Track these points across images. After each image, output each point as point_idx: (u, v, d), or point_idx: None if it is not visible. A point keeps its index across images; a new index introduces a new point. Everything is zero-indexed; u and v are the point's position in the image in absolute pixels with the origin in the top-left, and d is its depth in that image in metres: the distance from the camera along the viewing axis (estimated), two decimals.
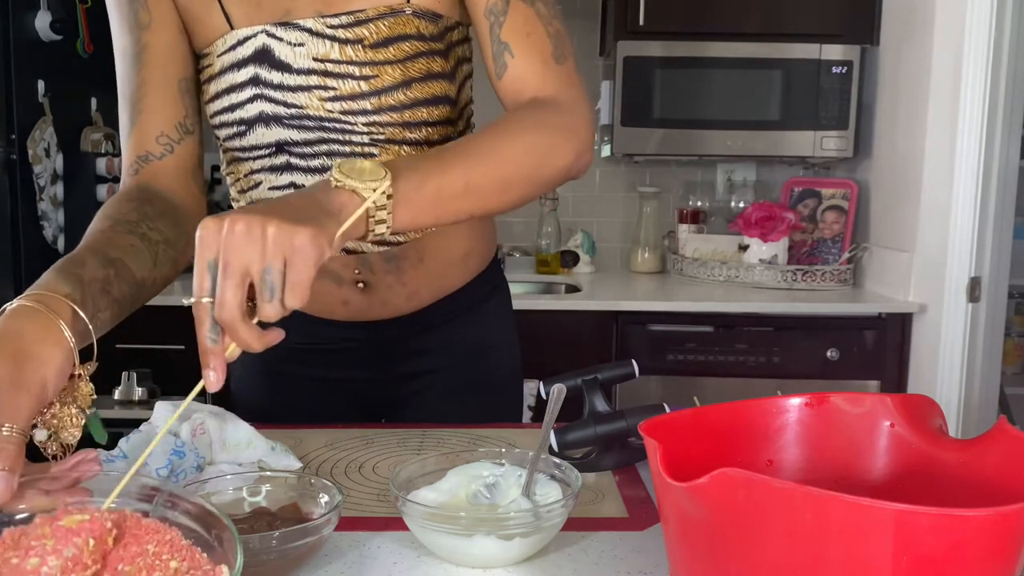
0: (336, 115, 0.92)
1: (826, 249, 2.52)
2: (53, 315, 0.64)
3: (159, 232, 0.84)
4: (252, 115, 0.93)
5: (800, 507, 0.44)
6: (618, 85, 2.42)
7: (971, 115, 2.01)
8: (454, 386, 1.10)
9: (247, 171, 0.99)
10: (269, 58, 0.91)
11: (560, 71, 0.90)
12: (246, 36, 0.91)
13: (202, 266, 0.60)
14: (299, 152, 0.95)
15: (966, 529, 0.42)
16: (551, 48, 0.90)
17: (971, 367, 2.09)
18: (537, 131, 0.83)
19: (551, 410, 0.82)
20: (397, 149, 0.94)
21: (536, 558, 0.68)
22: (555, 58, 0.90)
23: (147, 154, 0.92)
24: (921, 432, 0.61)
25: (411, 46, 0.91)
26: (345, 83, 0.91)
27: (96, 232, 0.80)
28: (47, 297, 0.66)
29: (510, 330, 1.16)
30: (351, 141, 0.93)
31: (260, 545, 0.61)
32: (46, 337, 0.63)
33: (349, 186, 0.67)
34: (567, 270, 2.74)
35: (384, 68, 0.91)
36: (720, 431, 0.61)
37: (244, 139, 0.95)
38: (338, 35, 0.90)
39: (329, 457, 0.92)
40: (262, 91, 0.92)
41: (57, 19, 2.18)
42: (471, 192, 0.76)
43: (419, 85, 0.92)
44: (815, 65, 2.39)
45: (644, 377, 2.06)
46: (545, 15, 0.91)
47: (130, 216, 0.83)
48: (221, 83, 0.93)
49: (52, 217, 2.22)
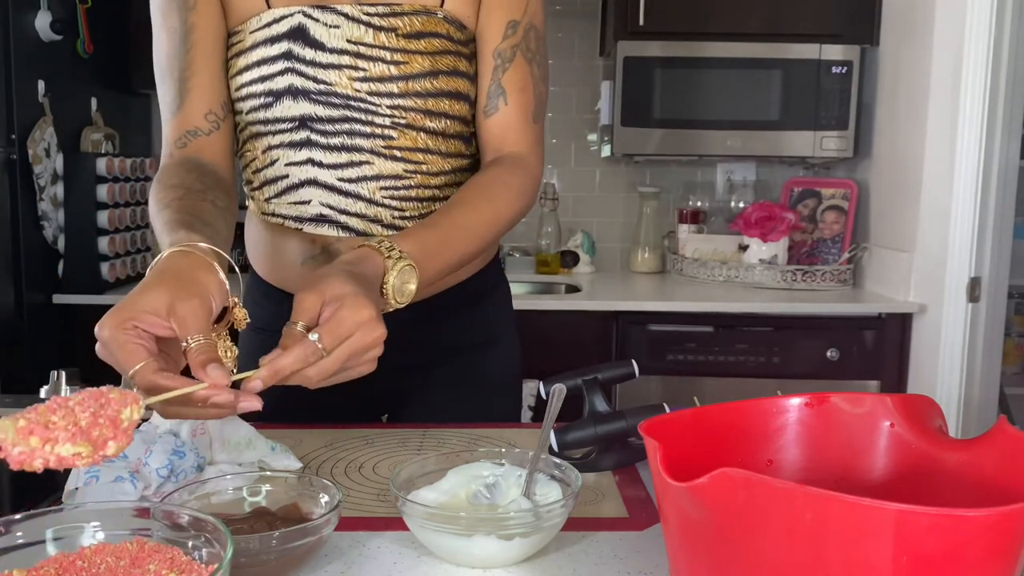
0: (363, 95, 0.97)
1: (826, 249, 2.52)
2: (201, 253, 0.73)
3: (220, 201, 0.90)
4: (281, 87, 0.96)
5: (800, 507, 0.44)
6: (618, 85, 2.42)
7: (971, 115, 2.01)
8: (454, 382, 1.10)
9: (265, 147, 1.01)
10: (304, 36, 0.95)
11: (535, 130, 1.05)
12: (283, 15, 0.96)
13: (333, 332, 0.70)
14: (321, 129, 0.98)
15: (966, 529, 0.42)
16: (534, 107, 1.04)
17: (971, 367, 2.09)
18: (512, 199, 0.98)
19: (551, 410, 0.82)
20: (415, 135, 0.99)
21: (536, 558, 0.68)
22: (534, 117, 1.04)
23: (196, 129, 0.98)
24: (921, 432, 0.61)
25: (441, 43, 0.99)
26: (376, 65, 0.96)
27: (175, 200, 0.86)
28: (188, 245, 0.74)
29: (511, 326, 1.17)
30: (373, 122, 0.98)
31: (260, 545, 0.61)
32: (201, 268, 0.72)
33: (387, 299, 0.80)
34: (567, 270, 2.74)
35: (414, 56, 0.97)
36: (720, 431, 0.61)
37: (269, 111, 0.98)
38: (373, 22, 0.96)
39: (329, 457, 0.92)
40: (294, 65, 0.96)
41: (57, 19, 2.18)
42: (459, 268, 0.93)
43: (445, 78, 0.99)
44: (815, 65, 2.40)
45: (644, 377, 2.06)
46: (537, 77, 1.04)
47: (196, 185, 0.89)
48: (252, 56, 0.97)
49: (52, 217, 2.22)
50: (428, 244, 0.85)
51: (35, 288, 2.15)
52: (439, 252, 0.86)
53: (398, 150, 0.99)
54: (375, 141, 0.98)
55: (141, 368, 0.65)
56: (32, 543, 0.57)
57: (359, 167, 0.99)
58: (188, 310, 0.67)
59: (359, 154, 0.99)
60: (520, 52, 1.02)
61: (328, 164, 0.99)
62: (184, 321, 0.67)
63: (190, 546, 0.58)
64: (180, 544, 0.58)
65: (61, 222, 2.24)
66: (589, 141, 2.86)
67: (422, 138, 1.00)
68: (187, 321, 0.67)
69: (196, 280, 0.70)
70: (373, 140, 0.98)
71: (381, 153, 0.99)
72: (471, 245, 0.92)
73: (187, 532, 0.58)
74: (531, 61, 1.03)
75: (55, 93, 2.23)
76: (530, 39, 1.03)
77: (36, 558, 0.57)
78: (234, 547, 0.54)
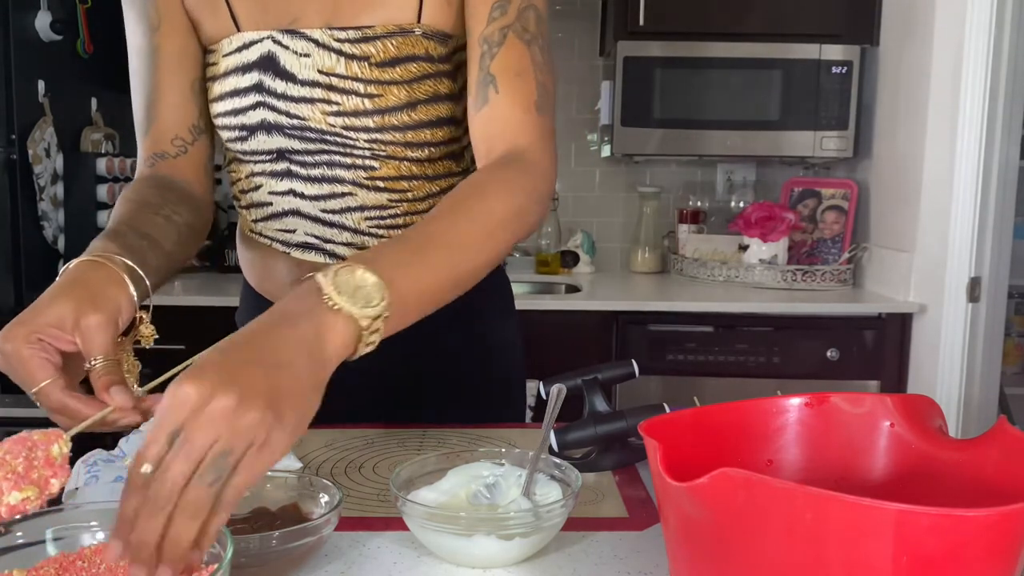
0: (338, 129, 0.91)
1: (826, 249, 2.52)
2: (113, 267, 0.71)
3: (180, 216, 0.88)
4: (254, 122, 0.93)
5: (800, 507, 0.44)
6: (618, 85, 2.42)
7: (971, 115, 2.01)
8: (454, 382, 1.10)
9: (248, 173, 1.00)
10: (274, 66, 0.91)
11: (540, 121, 0.87)
12: (252, 40, 0.92)
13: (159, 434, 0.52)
14: (300, 160, 0.95)
15: (966, 529, 0.42)
16: (536, 96, 0.87)
17: (971, 367, 2.09)
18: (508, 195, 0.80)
19: (551, 410, 0.82)
20: (398, 164, 0.94)
21: (536, 558, 0.68)
22: (538, 107, 0.87)
23: (163, 152, 0.96)
24: (921, 432, 0.61)
25: (418, 67, 0.91)
26: (349, 99, 0.90)
27: (124, 213, 0.84)
28: (102, 256, 0.72)
29: (513, 330, 1.16)
30: (352, 154, 0.93)
31: (260, 545, 0.61)
32: (111, 282, 0.70)
33: (346, 311, 0.60)
34: (567, 270, 2.74)
35: (389, 88, 0.90)
36: (720, 431, 0.61)
37: (246, 143, 0.95)
38: (344, 49, 0.90)
39: (329, 457, 0.92)
40: (265, 99, 0.92)
41: (57, 19, 2.18)
42: (456, 286, 0.74)
43: (424, 107, 0.92)
44: (815, 65, 2.40)
45: (644, 377, 2.05)
46: (539, 62, 0.89)
47: (153, 200, 0.88)
48: (225, 85, 0.94)
49: (52, 217, 2.21)
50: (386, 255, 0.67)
51: (35, 288, 2.15)
52: (409, 261, 0.68)
53: (381, 180, 0.95)
54: (356, 172, 0.94)
55: (47, 386, 0.64)
56: (32, 543, 0.58)
57: (342, 198, 0.95)
58: (94, 325, 0.66)
59: (340, 185, 0.95)
60: (513, 33, 0.88)
61: (310, 196, 0.96)
62: (89, 337, 0.66)
63: None
64: None
65: (61, 222, 2.24)
66: (589, 141, 2.86)
67: (405, 166, 0.94)
68: (92, 337, 0.66)
69: (104, 294, 0.68)
70: (354, 171, 0.94)
71: (363, 184, 0.95)
72: (457, 251, 0.74)
73: None
74: (529, 43, 0.88)
75: (55, 93, 2.23)
76: (527, 20, 0.89)
77: (36, 558, 0.57)
78: (234, 547, 0.54)
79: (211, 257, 2.66)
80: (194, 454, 0.51)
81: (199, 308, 2.08)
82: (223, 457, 0.51)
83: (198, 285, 2.32)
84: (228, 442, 0.51)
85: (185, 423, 0.51)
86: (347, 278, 0.61)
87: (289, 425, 0.55)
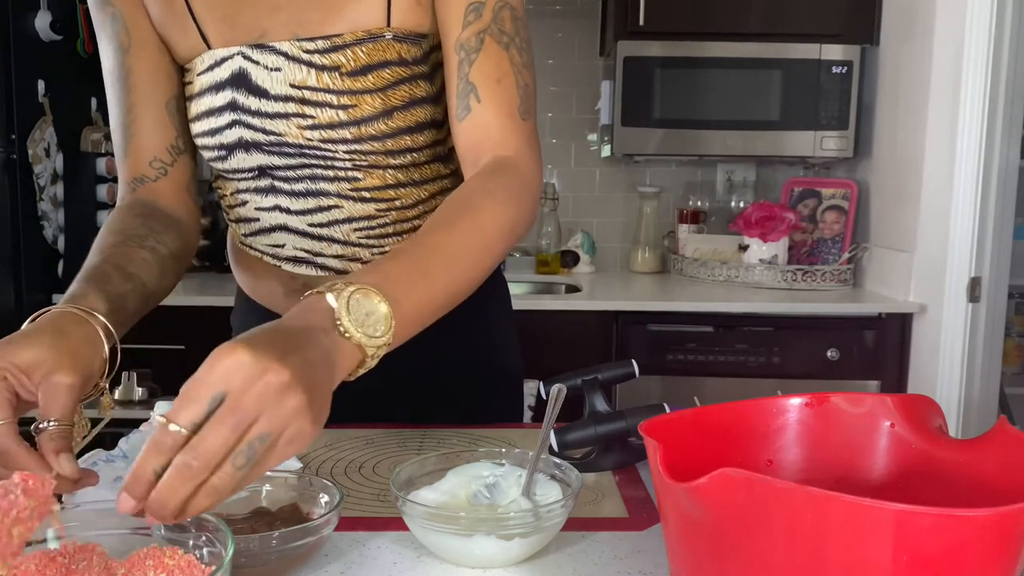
0: (316, 143, 0.90)
1: (826, 249, 2.52)
2: (94, 327, 0.70)
3: (165, 246, 0.87)
4: (232, 140, 0.92)
5: (800, 507, 0.44)
6: (618, 85, 2.42)
7: (971, 115, 2.01)
8: (454, 382, 1.10)
9: (233, 190, 0.99)
10: (246, 83, 0.89)
11: (524, 128, 0.86)
12: (223, 57, 0.90)
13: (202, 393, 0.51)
14: (283, 176, 0.94)
15: (966, 529, 0.42)
16: (519, 101, 0.86)
17: (971, 367, 2.09)
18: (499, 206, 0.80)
19: (551, 410, 0.82)
20: (382, 173, 0.93)
21: (536, 558, 0.68)
22: (521, 113, 0.86)
23: (143, 176, 0.94)
24: (921, 432, 0.61)
25: (392, 73, 0.88)
26: (323, 111, 0.88)
27: (110, 246, 0.83)
28: (85, 311, 0.71)
29: (510, 330, 1.16)
30: (334, 167, 0.92)
31: (260, 545, 0.61)
32: (89, 342, 0.69)
33: (356, 340, 0.60)
34: (567, 270, 2.74)
35: (363, 97, 0.88)
36: (720, 431, 0.61)
37: (226, 162, 0.94)
38: (315, 61, 0.88)
39: (329, 457, 0.92)
40: (240, 117, 0.90)
41: (57, 19, 2.19)
42: (453, 302, 0.74)
43: (401, 114, 0.89)
44: (815, 65, 2.40)
45: (644, 377, 2.05)
46: (518, 63, 0.87)
47: (139, 231, 0.86)
48: (201, 105, 0.93)
49: (52, 217, 2.22)
50: (393, 273, 0.67)
51: (35, 288, 2.15)
52: (412, 279, 0.68)
53: (366, 191, 0.93)
54: (340, 184, 0.93)
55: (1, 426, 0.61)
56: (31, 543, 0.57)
57: (328, 211, 0.94)
58: (65, 386, 0.64)
59: (326, 199, 0.94)
60: (490, 37, 0.86)
61: (296, 211, 0.95)
62: (54, 396, 0.63)
63: (190, 545, 0.58)
64: (180, 544, 0.58)
65: (61, 222, 2.24)
66: (589, 141, 2.86)
67: (390, 174, 0.93)
68: (57, 397, 0.63)
69: (82, 354, 0.67)
70: (338, 184, 0.93)
71: (349, 196, 0.94)
72: (455, 267, 0.74)
73: (187, 532, 0.58)
74: (507, 46, 0.86)
75: (55, 93, 2.23)
76: (503, 21, 0.87)
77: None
78: (234, 547, 0.54)
79: (211, 257, 2.66)
80: (241, 426, 0.50)
81: (199, 308, 2.08)
82: (260, 441, 0.51)
83: (198, 285, 2.32)
84: (269, 424, 0.51)
85: (234, 390, 0.50)
86: (360, 302, 0.62)
87: (318, 423, 0.55)
